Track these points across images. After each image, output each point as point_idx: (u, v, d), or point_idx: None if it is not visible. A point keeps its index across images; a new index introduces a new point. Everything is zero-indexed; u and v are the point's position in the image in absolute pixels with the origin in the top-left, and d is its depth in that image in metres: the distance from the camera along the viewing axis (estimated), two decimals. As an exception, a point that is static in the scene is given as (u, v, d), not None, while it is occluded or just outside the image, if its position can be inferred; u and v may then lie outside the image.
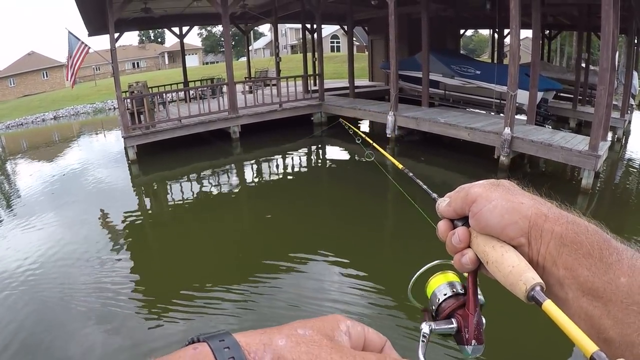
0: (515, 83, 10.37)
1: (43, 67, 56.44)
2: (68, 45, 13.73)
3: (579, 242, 0.57)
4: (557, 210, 0.63)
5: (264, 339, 0.47)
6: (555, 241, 0.59)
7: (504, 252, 0.62)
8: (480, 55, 60.11)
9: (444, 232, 0.72)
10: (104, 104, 36.07)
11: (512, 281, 0.59)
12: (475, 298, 0.67)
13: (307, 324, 0.51)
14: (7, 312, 5.95)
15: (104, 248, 7.99)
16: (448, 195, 0.73)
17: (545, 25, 19.76)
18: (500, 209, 0.63)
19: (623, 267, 0.53)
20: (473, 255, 0.66)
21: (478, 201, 0.65)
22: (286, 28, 63.70)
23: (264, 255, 7.39)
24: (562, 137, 10.34)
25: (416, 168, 12.48)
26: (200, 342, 0.45)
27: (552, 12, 17.93)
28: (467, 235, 0.68)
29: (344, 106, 16.91)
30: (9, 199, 12.50)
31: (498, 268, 0.61)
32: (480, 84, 15.42)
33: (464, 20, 23.71)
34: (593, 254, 0.55)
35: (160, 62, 70.29)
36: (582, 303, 0.55)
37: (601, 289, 0.53)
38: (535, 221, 0.61)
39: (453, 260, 0.69)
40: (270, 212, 9.60)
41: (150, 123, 14.40)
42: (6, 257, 7.80)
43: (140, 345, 5.10)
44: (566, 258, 0.57)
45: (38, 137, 27.54)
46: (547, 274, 0.59)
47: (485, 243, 0.65)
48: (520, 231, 0.61)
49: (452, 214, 0.71)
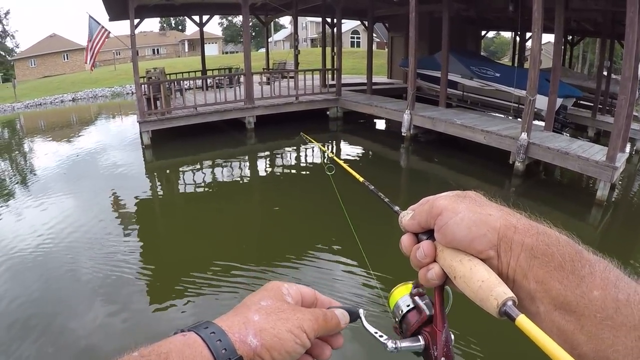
0: (535, 88, 10.22)
1: (64, 50, 56.94)
2: (88, 29, 13.88)
3: (550, 254, 0.55)
4: (527, 221, 0.60)
5: (240, 319, 0.57)
6: (525, 253, 0.57)
7: (472, 266, 0.59)
8: (501, 57, 59.65)
9: (407, 246, 0.69)
10: (122, 89, 36.36)
11: (482, 296, 0.56)
12: (443, 313, 0.65)
13: (263, 297, 0.63)
14: (17, 286, 6.11)
15: (112, 228, 8.19)
16: (411, 208, 0.71)
17: (568, 30, 19.50)
18: (467, 221, 0.60)
19: (596, 280, 0.52)
20: (439, 270, 0.64)
21: (444, 214, 0.62)
22: (307, 21, 63.54)
23: (266, 247, 7.43)
24: (580, 145, 10.16)
25: (430, 169, 12.42)
26: (187, 331, 0.52)
27: (576, 17, 17.66)
28: (433, 249, 0.65)
29: (360, 102, 16.82)
30: (24, 177, 12.82)
31: (467, 283, 0.59)
32: (499, 87, 15.25)
33: (486, 22, 23.47)
34: (565, 267, 0.54)
35: (180, 49, 70.57)
36: (554, 317, 0.53)
37: (574, 303, 0.52)
38: (505, 233, 0.59)
39: (418, 275, 0.67)
40: (278, 205, 9.63)
41: (166, 109, 14.47)
42: (18, 232, 8.01)
43: (141, 324, 5.28)
44: (537, 271, 0.55)
45: (55, 118, 27.86)
46: (518, 287, 0.57)
47: (452, 257, 0.62)
48: (489, 244, 0.59)
49: (417, 227, 0.68)
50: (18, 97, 32.66)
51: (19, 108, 30.98)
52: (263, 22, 24.80)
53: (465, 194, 0.66)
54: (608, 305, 0.49)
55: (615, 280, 0.51)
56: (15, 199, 10.46)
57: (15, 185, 11.87)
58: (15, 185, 11.87)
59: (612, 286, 0.51)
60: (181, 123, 14.56)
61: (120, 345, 4.77)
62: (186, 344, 0.53)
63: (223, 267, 6.54)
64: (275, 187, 11.26)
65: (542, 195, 10.03)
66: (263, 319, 0.59)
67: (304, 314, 0.62)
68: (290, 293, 0.66)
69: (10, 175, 13.22)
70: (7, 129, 25.00)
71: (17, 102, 31.74)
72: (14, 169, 14.33)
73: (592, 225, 8.69)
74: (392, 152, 14.37)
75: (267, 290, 0.66)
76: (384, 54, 31.01)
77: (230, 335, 0.54)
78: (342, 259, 6.75)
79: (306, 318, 0.62)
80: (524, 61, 20.99)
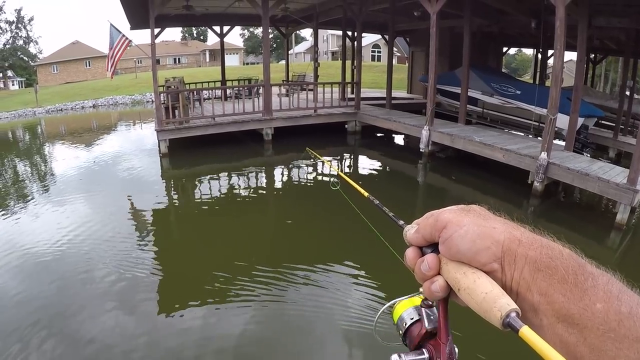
0: (556, 106, 10.03)
1: (86, 57, 57.89)
2: (109, 37, 14.04)
3: (554, 267, 0.56)
4: (531, 235, 0.61)
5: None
6: (529, 266, 0.57)
7: (476, 279, 0.59)
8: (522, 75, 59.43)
9: (412, 259, 0.70)
10: (143, 97, 36.66)
11: (485, 308, 0.57)
12: (447, 326, 0.66)
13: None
14: (33, 285, 6.29)
15: (125, 233, 8.34)
16: (416, 222, 0.72)
17: (590, 49, 19.29)
18: (471, 234, 0.61)
19: (599, 293, 0.52)
20: (443, 283, 0.65)
21: (448, 227, 0.64)
22: (328, 34, 63.75)
23: (276, 258, 7.38)
24: (600, 167, 9.90)
25: (447, 187, 12.26)
26: None
27: (599, 35, 17.40)
28: (437, 262, 0.66)
29: (379, 116, 16.70)
30: (42, 180, 13.08)
31: (470, 295, 0.59)
32: (520, 105, 15.08)
33: (508, 38, 23.35)
34: (568, 280, 0.54)
35: (201, 59, 71.23)
36: (557, 330, 0.54)
37: (577, 316, 0.52)
38: (509, 246, 0.60)
39: (422, 288, 0.67)
40: (291, 218, 9.54)
41: (184, 118, 14.52)
42: (35, 232, 8.28)
43: (151, 326, 5.38)
44: (541, 284, 0.56)
45: (75, 123, 28.21)
46: (521, 300, 0.58)
47: (456, 270, 0.62)
48: (493, 256, 0.60)
49: (421, 241, 0.69)
50: (39, 102, 33.11)
51: (40, 113, 31.41)
52: (283, 34, 24.91)
53: (469, 207, 0.67)
54: (611, 317, 0.50)
55: (618, 293, 0.52)
56: (33, 201, 10.67)
57: (33, 188, 12.09)
58: (33, 188, 12.09)
59: (614, 299, 0.51)
60: (198, 133, 14.58)
61: (131, 346, 4.93)
62: None
63: (234, 276, 6.60)
64: (289, 199, 11.16)
65: (561, 216, 9.80)
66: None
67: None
68: None
69: (29, 178, 13.53)
70: (28, 133, 25.43)
71: (38, 107, 32.20)
72: (33, 172, 14.55)
73: (611, 248, 8.45)
74: (409, 168, 14.21)
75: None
76: (404, 69, 30.89)
77: None
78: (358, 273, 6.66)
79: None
80: (546, 79, 20.77)
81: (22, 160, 16.77)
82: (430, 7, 12.61)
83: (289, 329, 5.42)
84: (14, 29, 57.66)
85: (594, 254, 0.52)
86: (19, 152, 18.76)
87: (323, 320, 5.58)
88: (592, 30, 12.95)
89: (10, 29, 57.43)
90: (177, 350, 4.90)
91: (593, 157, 11.89)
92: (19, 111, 31.23)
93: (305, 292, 6.22)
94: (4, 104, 34.19)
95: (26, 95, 37.79)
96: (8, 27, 57.31)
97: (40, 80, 53.36)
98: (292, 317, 5.68)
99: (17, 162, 16.47)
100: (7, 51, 55.88)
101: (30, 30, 61.57)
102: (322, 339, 5.24)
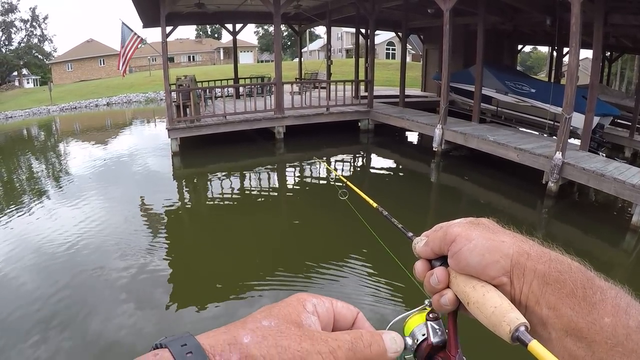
0: (571, 105, 9.86)
1: (100, 55, 58.32)
2: (121, 35, 14.09)
3: (563, 280, 0.55)
4: (540, 248, 0.60)
5: (227, 338, 0.45)
6: (538, 280, 0.57)
7: (485, 292, 0.59)
8: (537, 73, 58.87)
9: (421, 272, 0.69)
10: (156, 94, 36.80)
11: (495, 322, 0.56)
12: (456, 339, 0.65)
13: (271, 312, 0.49)
14: (48, 281, 6.46)
15: (135, 231, 8.50)
16: (425, 235, 0.71)
17: (606, 46, 18.98)
18: (480, 247, 0.60)
19: (607, 307, 0.52)
20: (452, 296, 0.64)
21: (457, 240, 0.63)
22: (342, 32, 63.64)
23: (283, 258, 7.46)
24: (616, 167, 9.66)
25: (460, 187, 12.11)
26: (162, 347, 0.43)
27: (615, 33, 17.14)
28: (446, 275, 0.65)
29: (392, 115, 16.55)
30: (55, 178, 13.30)
31: (480, 309, 0.58)
32: (535, 103, 14.89)
33: (523, 36, 23.10)
34: (577, 293, 0.54)
35: (216, 56, 71.42)
36: (565, 343, 0.53)
37: (585, 329, 0.52)
38: (518, 260, 0.59)
39: (432, 300, 0.67)
40: (300, 218, 9.52)
41: (195, 117, 14.49)
42: (46, 230, 8.40)
43: (160, 321, 5.53)
44: (549, 297, 0.55)
45: (88, 121, 28.38)
46: (530, 313, 0.57)
47: (466, 283, 0.62)
48: (502, 270, 0.59)
49: (430, 254, 0.68)
50: (54, 100, 33.34)
51: (54, 111, 31.67)
52: (296, 31, 24.84)
53: (478, 221, 0.66)
54: (619, 332, 0.49)
55: (626, 307, 0.51)
56: (44, 198, 10.95)
57: (47, 184, 12.43)
58: (47, 184, 12.43)
59: (623, 313, 0.50)
60: (210, 131, 14.58)
61: (140, 341, 4.99)
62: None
63: (244, 272, 6.76)
64: (298, 199, 11.15)
65: (575, 218, 9.62)
66: (255, 342, 0.44)
67: (314, 344, 0.46)
68: (316, 311, 0.53)
69: (41, 175, 13.79)
70: (43, 130, 25.71)
71: (52, 105, 32.43)
72: (46, 169, 14.79)
73: (626, 251, 8.26)
74: (422, 167, 14.06)
75: (285, 303, 0.52)
76: (419, 67, 30.70)
77: (210, 357, 0.42)
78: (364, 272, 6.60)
79: (316, 350, 0.46)
80: (561, 77, 20.54)
81: (37, 158, 17.01)
82: (443, 4, 12.46)
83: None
84: (28, 27, 57.94)
85: (608, 256, 0.45)
86: (33, 150, 18.98)
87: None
88: (608, 27, 12.74)
89: (25, 27, 57.70)
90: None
91: (608, 156, 11.67)
92: (33, 109, 31.52)
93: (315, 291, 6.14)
94: (19, 102, 34.51)
95: (40, 94, 38.07)
96: (23, 25, 57.60)
97: (54, 79, 53.81)
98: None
99: (32, 160, 16.72)
100: (22, 49, 56.20)
101: (44, 28, 61.88)
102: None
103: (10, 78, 57.55)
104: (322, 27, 27.93)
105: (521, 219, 9.15)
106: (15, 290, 6.22)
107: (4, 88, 51.49)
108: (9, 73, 56.69)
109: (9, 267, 6.89)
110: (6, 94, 41.91)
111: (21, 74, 58.55)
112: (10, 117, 30.01)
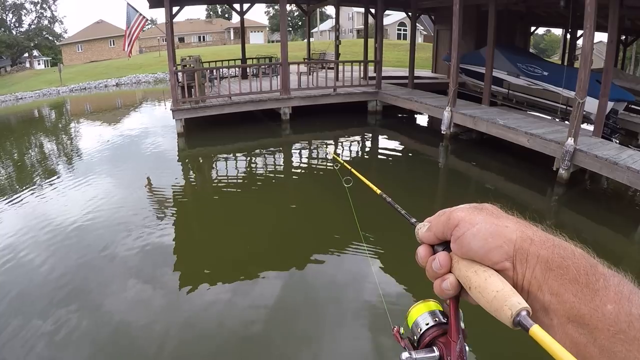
0: (585, 89, 9.50)
1: (110, 36, 58.54)
2: (126, 17, 14.11)
3: (566, 266, 0.55)
4: (543, 234, 0.60)
5: None
6: (541, 265, 0.57)
7: (487, 277, 0.59)
8: (550, 56, 58.05)
9: (423, 257, 0.69)
10: (165, 75, 36.58)
11: (496, 307, 0.56)
12: (458, 325, 0.66)
13: None
14: (60, 260, 6.58)
15: (140, 211, 8.50)
16: (428, 220, 0.71)
17: (621, 29, 18.50)
18: (484, 232, 0.61)
19: (610, 294, 0.52)
20: (454, 281, 0.64)
21: (461, 225, 0.63)
22: (353, 11, 63.13)
23: (281, 241, 7.47)
24: (630, 155, 9.22)
25: (468, 171, 11.85)
26: None
27: (631, 16, 16.67)
28: (448, 260, 0.65)
29: (400, 96, 16.26)
30: (64, 157, 13.71)
31: (481, 293, 0.59)
32: (547, 87, 14.50)
33: (536, 18, 22.62)
34: (579, 280, 0.54)
35: (226, 37, 71.18)
36: (567, 330, 0.54)
37: (587, 316, 0.52)
38: (521, 245, 0.59)
39: (433, 286, 0.67)
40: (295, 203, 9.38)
41: (200, 97, 14.35)
42: (53, 211, 8.57)
43: (167, 300, 5.65)
44: (552, 283, 0.55)
45: (97, 102, 28.46)
46: (532, 299, 0.57)
47: (468, 268, 0.62)
48: (505, 255, 0.59)
49: (433, 239, 0.68)
50: (64, 81, 33.38)
51: (63, 92, 31.76)
52: (304, 11, 24.48)
53: (482, 206, 0.66)
54: (621, 319, 0.50)
55: (629, 294, 0.52)
56: (51, 177, 11.20)
57: (53, 164, 12.74)
58: (53, 164, 12.74)
59: (625, 300, 0.51)
60: (214, 112, 14.44)
61: (149, 320, 5.13)
62: None
63: (249, 253, 6.89)
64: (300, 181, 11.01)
65: (586, 207, 9.25)
66: None
67: None
68: None
69: (49, 155, 14.13)
70: (54, 111, 25.95)
71: (62, 86, 32.48)
72: (54, 149, 15.13)
73: (638, 242, 8.04)
74: (430, 150, 13.76)
75: None
76: (430, 47, 30.27)
77: None
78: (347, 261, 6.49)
79: None
80: (574, 60, 20.11)
81: (46, 138, 17.28)
82: (454, -18, 12.13)
83: (300, 308, 5.49)
84: (39, 9, 58.03)
85: (620, 247, 0.33)
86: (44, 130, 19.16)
87: (333, 310, 5.43)
88: (624, 9, 12.33)
89: (35, 9, 57.84)
90: (198, 322, 5.12)
91: (622, 143, 11.32)
92: (43, 90, 31.64)
93: (318, 274, 6.27)
94: (29, 83, 34.62)
95: (50, 75, 38.16)
96: (33, 7, 57.75)
97: (65, 60, 54.05)
98: (308, 297, 5.78)
99: (43, 139, 16.99)
100: (33, 31, 56.35)
101: (55, 10, 62.29)
102: (332, 324, 5.10)
103: (21, 60, 57.87)
104: (332, 7, 27.62)
105: (531, 206, 8.88)
106: (29, 265, 6.36)
107: (14, 69, 51.76)
108: (19, 55, 57.00)
109: (22, 245, 7.00)
110: (17, 76, 42.12)
111: (32, 55, 58.84)
112: (21, 98, 30.17)
